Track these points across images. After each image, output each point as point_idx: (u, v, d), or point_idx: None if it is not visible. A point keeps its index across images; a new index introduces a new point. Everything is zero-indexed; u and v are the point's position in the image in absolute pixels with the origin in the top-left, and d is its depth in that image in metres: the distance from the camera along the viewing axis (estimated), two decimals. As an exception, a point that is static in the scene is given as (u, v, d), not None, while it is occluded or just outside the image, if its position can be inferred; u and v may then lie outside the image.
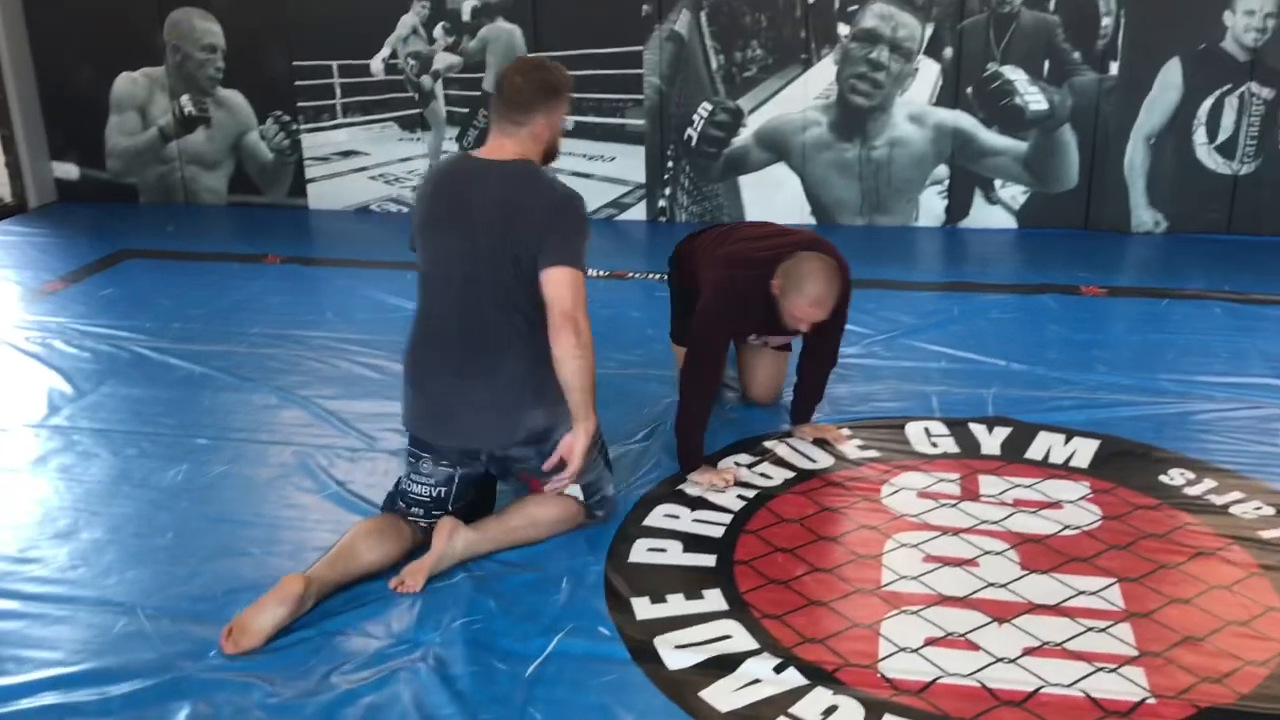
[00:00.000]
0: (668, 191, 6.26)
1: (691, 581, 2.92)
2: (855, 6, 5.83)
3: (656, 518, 3.23)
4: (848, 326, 3.75)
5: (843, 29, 5.88)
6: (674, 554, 3.05)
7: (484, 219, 2.90)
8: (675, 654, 2.63)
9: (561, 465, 2.97)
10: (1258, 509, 3.20)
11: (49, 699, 2.53)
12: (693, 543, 3.10)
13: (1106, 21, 5.64)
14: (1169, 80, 5.68)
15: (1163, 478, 3.38)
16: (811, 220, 6.20)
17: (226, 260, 5.77)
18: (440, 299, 3.01)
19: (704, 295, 3.50)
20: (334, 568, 2.86)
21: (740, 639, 2.68)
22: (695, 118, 6.12)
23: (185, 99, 6.66)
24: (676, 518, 3.22)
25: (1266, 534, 3.07)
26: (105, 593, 2.91)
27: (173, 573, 3.00)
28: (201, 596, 2.88)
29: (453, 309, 2.97)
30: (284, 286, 5.33)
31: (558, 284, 2.84)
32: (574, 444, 2.93)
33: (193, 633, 2.73)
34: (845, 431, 3.71)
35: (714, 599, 2.84)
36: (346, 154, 6.61)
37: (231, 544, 3.13)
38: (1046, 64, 5.76)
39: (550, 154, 3.04)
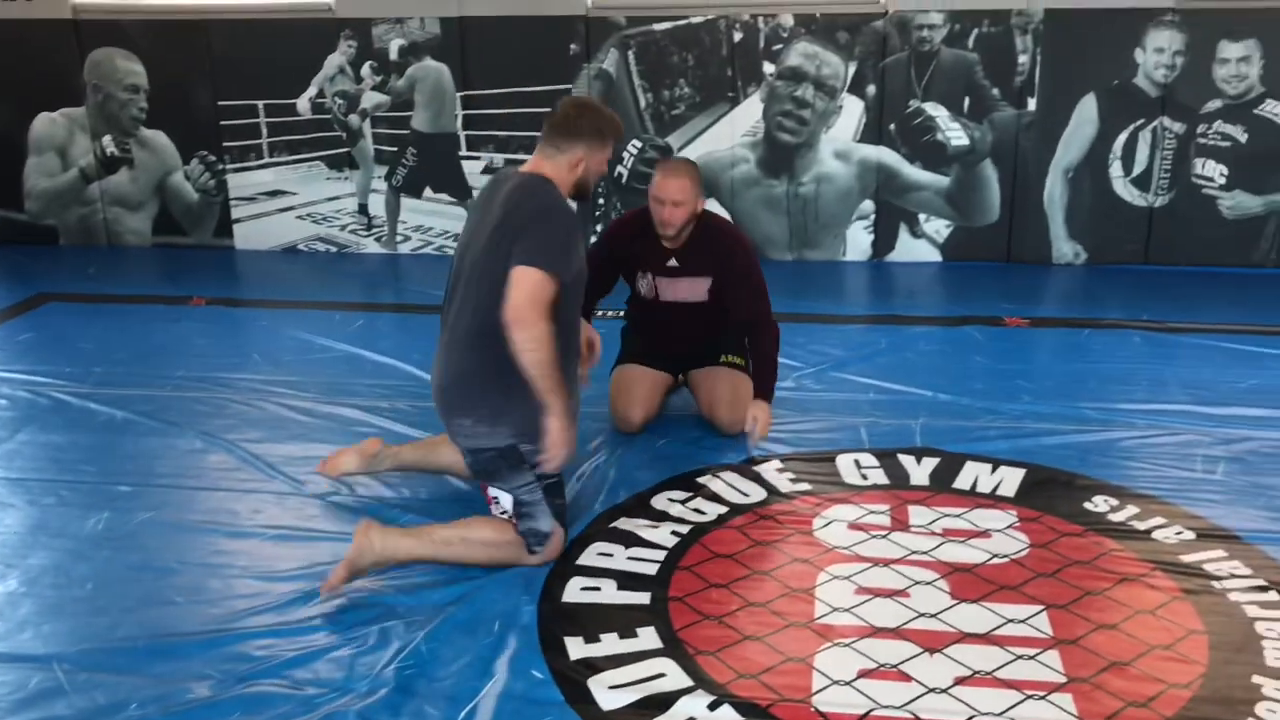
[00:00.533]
0: (598, 228, 6.29)
1: (626, 620, 2.90)
2: (780, 45, 5.92)
3: (590, 556, 3.21)
4: (781, 360, 3.88)
5: (768, 67, 5.97)
6: (608, 592, 3.03)
7: (492, 217, 3.08)
8: (609, 694, 2.61)
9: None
10: (1179, 534, 3.27)
11: (-39, 760, 2.44)
12: (627, 580, 3.08)
13: (1024, 59, 5.79)
14: (1085, 115, 5.84)
15: (1087, 505, 3.44)
16: (741, 255, 6.25)
17: (150, 302, 5.67)
18: (452, 291, 3.18)
19: None
20: (415, 449, 3.25)
21: (674, 677, 2.67)
22: (625, 155, 6.16)
23: (107, 140, 6.56)
24: (610, 555, 3.21)
25: (1187, 558, 3.14)
26: (20, 646, 2.82)
27: (92, 624, 2.91)
28: (122, 649, 2.80)
29: (455, 300, 3.13)
30: (209, 328, 5.25)
31: (515, 282, 2.96)
32: (549, 430, 3.04)
33: (113, 686, 2.65)
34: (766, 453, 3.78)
35: (648, 637, 2.83)
36: (273, 194, 6.55)
37: (154, 593, 3.05)
38: (967, 100, 5.89)
39: (582, 191, 3.22)
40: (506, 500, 3.12)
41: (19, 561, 3.22)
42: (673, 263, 3.85)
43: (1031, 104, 5.86)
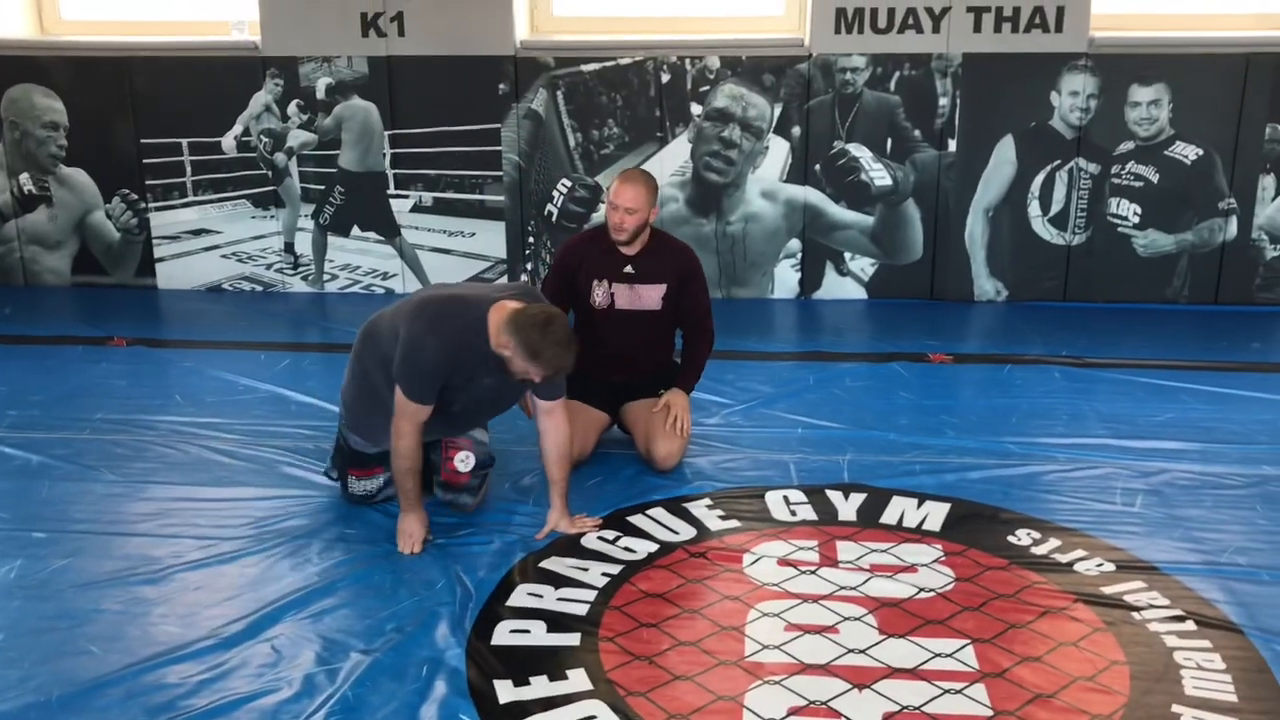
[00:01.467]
0: (529, 266, 6.28)
1: (556, 662, 2.88)
2: (707, 87, 6.00)
3: (520, 597, 3.19)
4: (710, 397, 4.02)
5: (696, 108, 6.04)
6: (538, 634, 3.01)
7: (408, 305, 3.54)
8: (539, 737, 2.58)
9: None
10: (1099, 565, 3.33)
11: None
12: (557, 621, 3.07)
13: (944, 101, 5.93)
14: (1003, 156, 5.99)
15: (1011, 538, 3.50)
16: (671, 293, 6.29)
17: (68, 343, 5.54)
18: None
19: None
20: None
21: (605, 719, 2.65)
22: (555, 194, 6.18)
23: (24, 177, 6.42)
24: (540, 596, 3.19)
25: (1108, 589, 3.20)
26: (-72, 702, 2.72)
27: (3, 676, 2.82)
28: (35, 701, 2.71)
29: None
30: (130, 370, 5.14)
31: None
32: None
33: (25, 741, 2.57)
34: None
35: (578, 679, 2.81)
36: (197, 232, 6.45)
37: (69, 643, 2.97)
38: (889, 142, 6.01)
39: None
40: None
41: (-74, 613, 3.11)
42: (629, 269, 3.97)
43: (952, 145, 5.99)
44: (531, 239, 6.25)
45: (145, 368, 5.20)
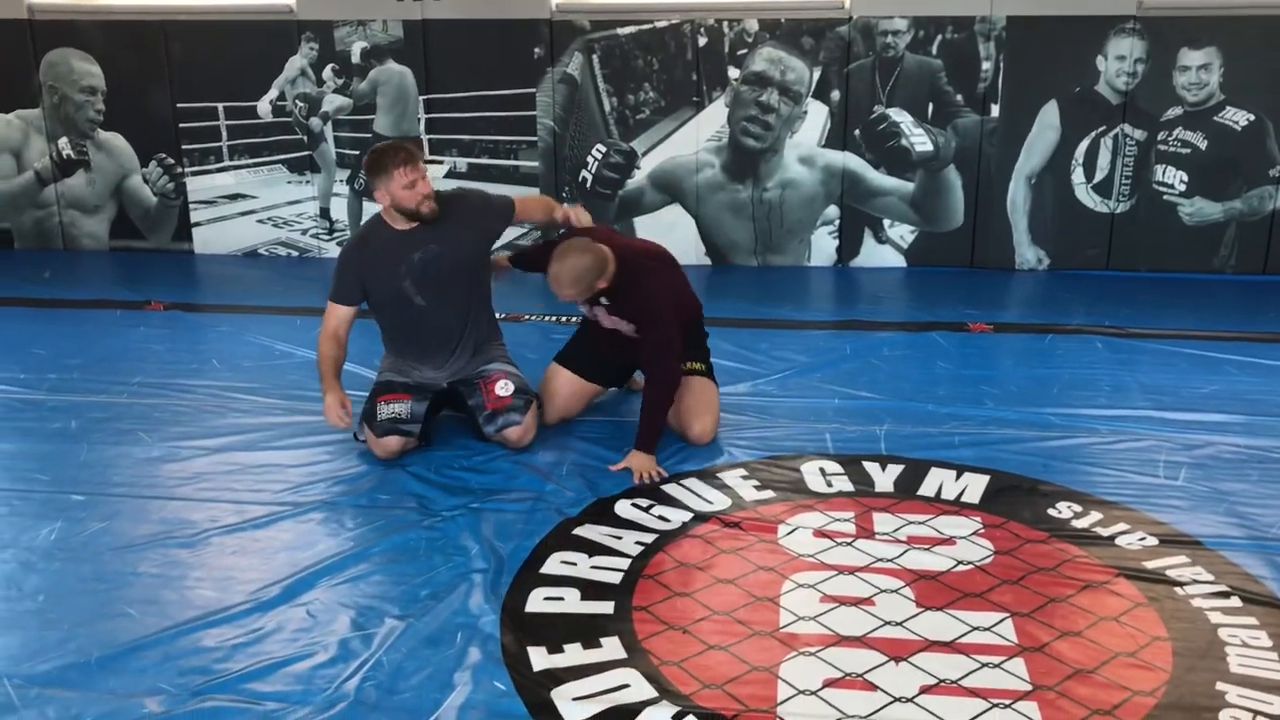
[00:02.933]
0: (562, 233, 6.24)
1: (589, 630, 2.87)
2: (745, 50, 5.92)
3: (554, 565, 3.18)
4: (744, 366, 4.01)
5: (733, 72, 5.96)
6: (571, 602, 3.00)
7: None
8: (573, 706, 2.58)
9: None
10: (1142, 540, 3.28)
11: (-96, 780, 2.37)
12: (591, 589, 3.05)
13: (986, 66, 5.82)
14: (1047, 122, 5.88)
15: (1051, 511, 3.45)
16: (707, 261, 6.25)
17: (107, 307, 5.58)
18: None
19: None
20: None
21: (639, 688, 2.64)
22: (589, 159, 6.13)
23: (63, 142, 6.45)
24: (574, 564, 3.18)
25: (1151, 564, 3.15)
26: (-31, 662, 2.75)
27: (44, 638, 2.84)
28: (74, 663, 2.74)
29: None
30: (167, 334, 5.17)
31: None
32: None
33: (64, 701, 2.59)
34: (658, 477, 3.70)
35: (612, 647, 2.80)
36: (233, 197, 6.47)
37: (107, 605, 2.99)
38: (930, 106, 5.91)
39: (407, 215, 3.84)
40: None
41: (-32, 573, 3.15)
42: (604, 300, 3.87)
43: (995, 110, 5.89)
44: (566, 205, 6.21)
45: (182, 332, 5.23)
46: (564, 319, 5.22)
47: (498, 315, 4.20)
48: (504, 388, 3.87)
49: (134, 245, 6.61)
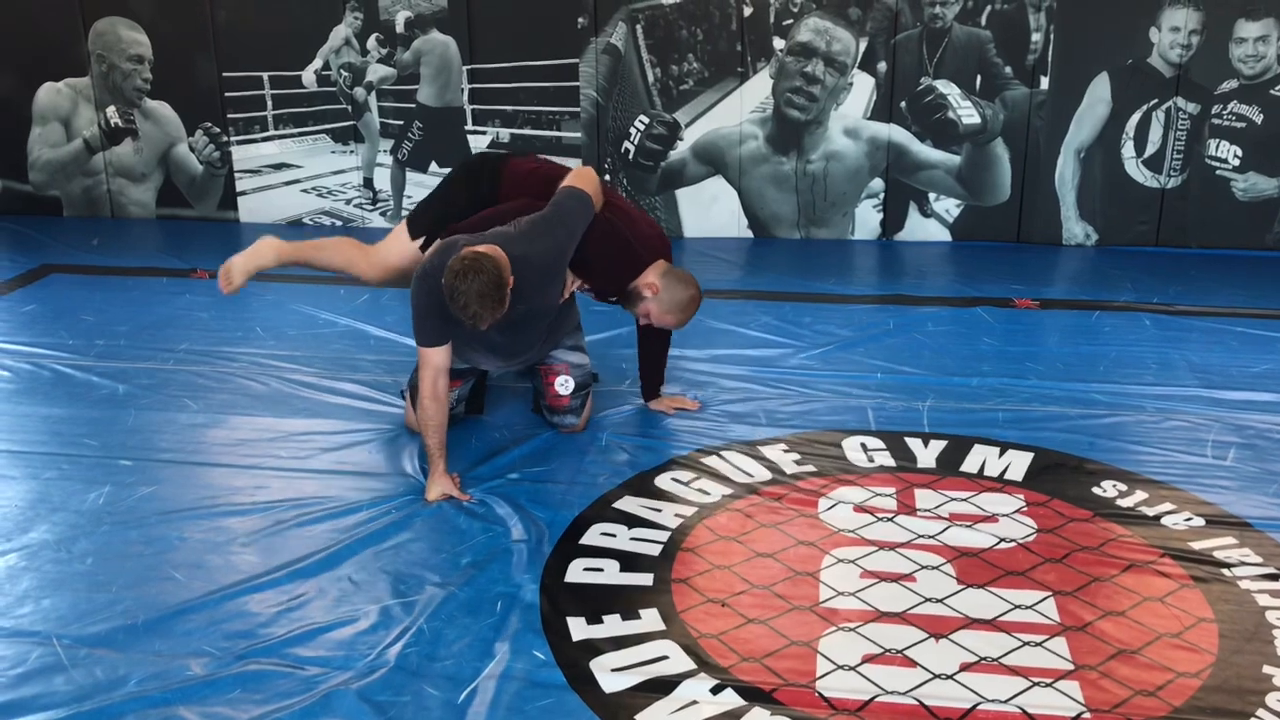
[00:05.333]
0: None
1: (628, 601, 2.88)
2: (791, 20, 5.85)
3: (593, 536, 3.18)
4: (786, 340, 4.18)
5: (778, 43, 5.90)
6: (611, 573, 3.01)
7: None
8: (611, 676, 2.59)
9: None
10: (1188, 520, 3.24)
11: (-42, 735, 2.43)
12: (630, 561, 3.06)
13: (1036, 37, 5.72)
14: (1098, 95, 5.77)
15: (1096, 490, 3.41)
16: (748, 234, 6.21)
17: (153, 275, 5.64)
18: None
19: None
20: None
21: (677, 660, 2.65)
22: (632, 130, 6.10)
23: (111, 110, 6.51)
24: (613, 536, 3.19)
25: (1197, 545, 3.10)
26: (20, 622, 2.80)
27: (92, 599, 2.90)
28: (121, 625, 2.78)
29: None
30: (212, 302, 5.21)
31: None
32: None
33: (112, 662, 2.64)
34: (698, 400, 4.01)
35: (651, 619, 2.81)
36: (278, 166, 6.50)
37: (154, 569, 3.03)
38: (978, 78, 5.82)
39: None
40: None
41: (19, 535, 3.20)
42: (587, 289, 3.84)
43: (1044, 82, 5.79)
44: (608, 177, 6.19)
45: (227, 300, 5.23)
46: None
47: None
48: (564, 385, 3.75)
49: (180, 213, 6.66)
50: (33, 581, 2.98)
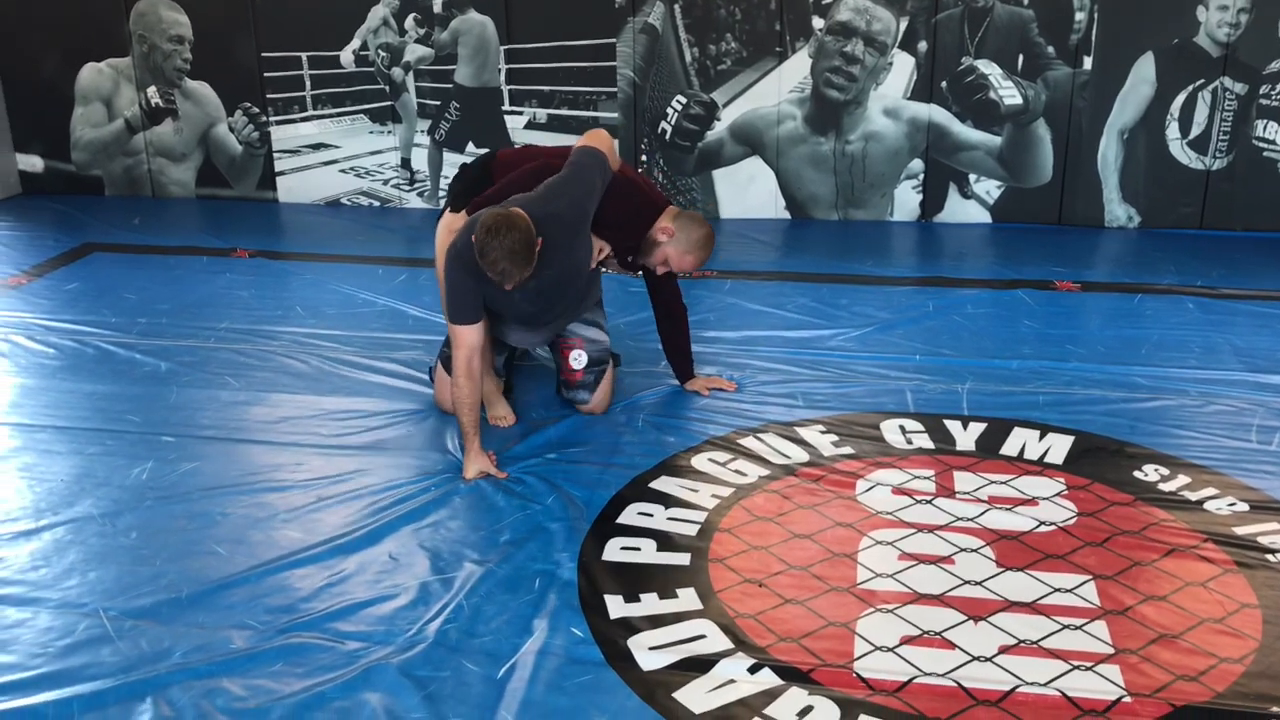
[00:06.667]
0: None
1: (665, 580, 2.89)
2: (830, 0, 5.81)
3: (630, 515, 3.19)
4: (824, 322, 4.09)
5: (817, 22, 5.85)
6: (648, 552, 3.02)
7: None
8: (649, 654, 2.60)
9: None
10: (1231, 505, 3.20)
11: (8, 703, 2.47)
12: (667, 541, 3.07)
13: (1080, 16, 5.64)
14: (1142, 75, 5.69)
15: (1137, 474, 3.38)
16: (786, 215, 6.18)
17: (194, 254, 5.69)
18: None
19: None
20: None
21: (714, 639, 2.65)
22: (669, 111, 6.08)
23: (152, 90, 6.56)
24: (650, 515, 3.19)
25: (1241, 530, 3.07)
26: (68, 594, 2.85)
27: (136, 573, 2.94)
28: (166, 598, 2.82)
29: None
30: (252, 281, 5.26)
31: None
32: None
33: (157, 634, 2.68)
34: (734, 380, 4.03)
35: (688, 598, 2.81)
36: (316, 147, 6.54)
37: (197, 543, 3.07)
38: (1020, 58, 5.76)
39: None
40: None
41: (65, 509, 3.25)
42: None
43: (1087, 62, 5.71)
44: (645, 157, 6.18)
45: (267, 279, 5.32)
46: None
47: None
48: (577, 359, 3.76)
49: (220, 193, 6.72)
50: (79, 555, 3.02)
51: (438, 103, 6.33)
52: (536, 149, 4.03)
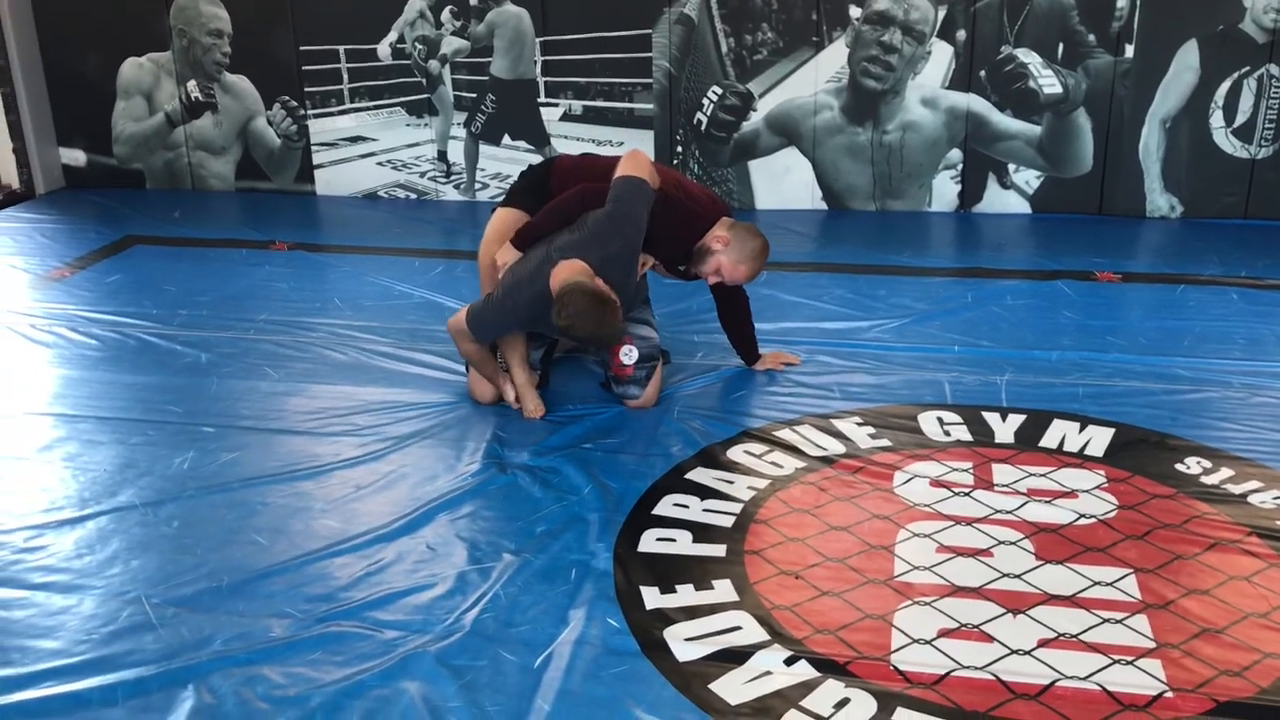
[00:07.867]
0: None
1: (701, 571, 2.88)
2: (867, -11, 5.77)
3: (666, 507, 3.19)
4: (861, 313, 4.12)
5: (854, 11, 5.81)
6: (684, 544, 3.02)
7: None
8: (685, 646, 2.60)
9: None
10: (1276, 498, 3.15)
11: (54, 689, 2.50)
12: (702, 532, 3.07)
13: (1122, 3, 5.57)
14: (1186, 62, 5.61)
15: (1179, 466, 3.34)
16: (823, 205, 6.15)
17: (233, 246, 5.74)
18: None
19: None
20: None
21: (751, 630, 2.65)
22: (705, 101, 6.06)
23: (192, 84, 6.62)
24: (686, 507, 3.19)
25: (1285, 524, 3.03)
26: (111, 582, 2.89)
27: (178, 561, 2.97)
28: (208, 587, 2.86)
29: None
30: (291, 273, 5.30)
31: None
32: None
33: (198, 622, 2.71)
34: (801, 356, 4.13)
35: (724, 589, 2.81)
36: (354, 139, 6.57)
37: (238, 532, 3.10)
38: (1061, 46, 5.69)
39: None
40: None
41: (108, 499, 3.29)
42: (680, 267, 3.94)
43: (1129, 50, 5.64)
44: (680, 148, 6.17)
45: (305, 271, 5.36)
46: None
47: None
48: (628, 355, 3.77)
49: (258, 186, 6.77)
50: (122, 543, 3.06)
51: (474, 95, 6.34)
52: (592, 159, 4.06)
